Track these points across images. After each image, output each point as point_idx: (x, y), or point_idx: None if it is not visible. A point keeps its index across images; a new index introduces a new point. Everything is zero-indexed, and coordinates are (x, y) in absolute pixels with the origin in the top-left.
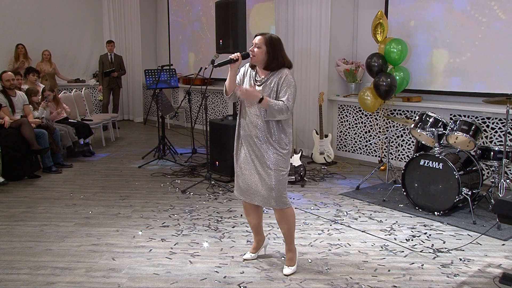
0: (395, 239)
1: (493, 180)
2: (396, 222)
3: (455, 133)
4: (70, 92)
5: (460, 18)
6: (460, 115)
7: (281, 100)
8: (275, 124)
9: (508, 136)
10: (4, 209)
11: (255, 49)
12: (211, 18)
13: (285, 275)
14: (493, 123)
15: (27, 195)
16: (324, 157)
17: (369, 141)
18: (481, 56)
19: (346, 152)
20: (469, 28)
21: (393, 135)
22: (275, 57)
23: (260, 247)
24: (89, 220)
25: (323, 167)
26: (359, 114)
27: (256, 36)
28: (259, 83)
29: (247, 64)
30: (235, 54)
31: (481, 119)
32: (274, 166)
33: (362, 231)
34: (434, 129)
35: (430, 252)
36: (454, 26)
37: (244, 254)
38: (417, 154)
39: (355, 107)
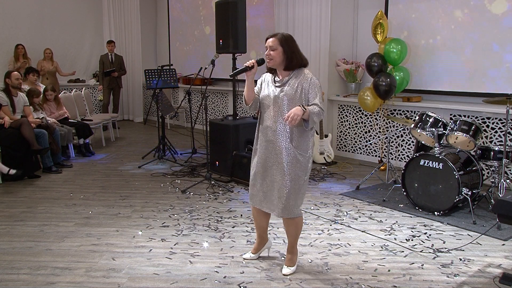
0: (395, 239)
1: (493, 180)
2: (396, 222)
3: (455, 133)
4: (70, 92)
5: (460, 18)
6: (460, 115)
7: (314, 103)
8: (295, 129)
9: (508, 136)
10: (4, 209)
11: (271, 52)
12: (211, 18)
13: (284, 275)
14: (493, 123)
15: (27, 195)
16: (324, 157)
17: (369, 141)
18: (481, 56)
19: (346, 152)
20: (469, 28)
21: (393, 135)
22: (294, 55)
23: (262, 248)
24: (89, 220)
25: (323, 167)
26: (359, 114)
27: (267, 39)
28: (278, 84)
29: (264, 74)
30: (250, 61)
31: (481, 119)
32: (291, 173)
33: (362, 231)
34: (434, 129)
35: (430, 252)
36: (454, 26)
37: (244, 254)
38: (417, 154)
39: (355, 107)
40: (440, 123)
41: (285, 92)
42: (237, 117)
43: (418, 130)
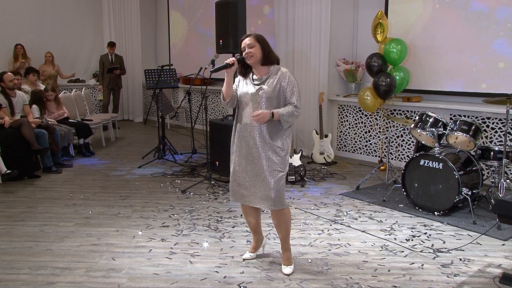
0: (395, 239)
1: (493, 180)
2: (396, 222)
3: (455, 133)
4: (70, 92)
5: (460, 18)
6: (460, 115)
7: (291, 102)
8: (273, 125)
9: (508, 136)
10: (4, 209)
11: (251, 50)
12: (211, 18)
13: (286, 274)
14: (493, 123)
15: (27, 195)
16: (324, 157)
17: (369, 141)
18: (481, 56)
19: (346, 152)
20: (469, 28)
21: (393, 135)
22: (269, 51)
23: (259, 246)
24: (89, 220)
25: (323, 167)
26: (359, 114)
27: (243, 39)
28: (257, 82)
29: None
30: (231, 58)
31: (481, 119)
32: (272, 166)
33: (362, 231)
34: (434, 129)
35: (430, 252)
36: (454, 26)
37: (244, 254)
38: (417, 154)
39: (355, 107)
40: (440, 123)
41: (264, 90)
42: None
43: (418, 130)
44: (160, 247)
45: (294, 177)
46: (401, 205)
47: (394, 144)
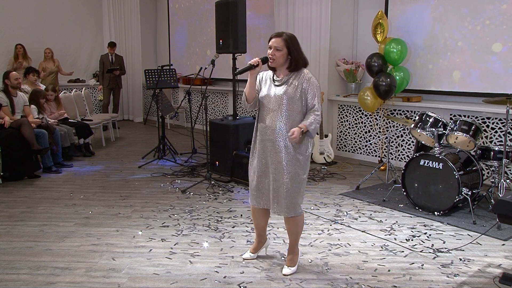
0: (395, 239)
1: (493, 180)
2: (396, 222)
3: (455, 133)
4: (70, 92)
5: (460, 18)
6: (460, 115)
7: (312, 105)
8: (295, 127)
9: (508, 136)
10: (4, 209)
11: (276, 53)
12: (211, 18)
13: (284, 275)
14: (493, 123)
15: (27, 195)
16: (324, 157)
17: (369, 141)
18: (481, 56)
19: (346, 152)
20: (469, 28)
21: (393, 135)
22: (299, 57)
23: (261, 248)
24: (89, 220)
25: (323, 167)
26: (359, 114)
27: (271, 38)
28: (278, 83)
29: (262, 73)
30: (255, 59)
31: (481, 119)
32: (293, 172)
33: (362, 231)
34: (434, 129)
35: (430, 252)
36: (454, 26)
37: (244, 253)
38: (417, 154)
39: (355, 107)
40: (440, 123)
41: (286, 91)
42: (237, 117)
43: (418, 130)
44: (160, 247)
45: None
46: (401, 205)
47: (394, 144)
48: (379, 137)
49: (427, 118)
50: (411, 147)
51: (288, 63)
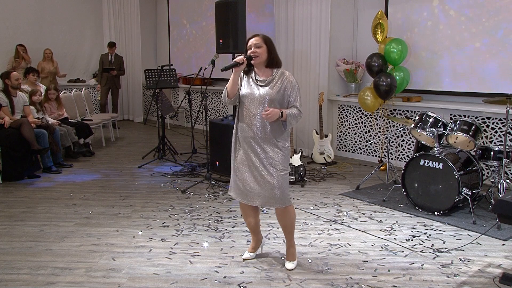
0: (395, 239)
1: (493, 180)
2: (396, 222)
3: (455, 133)
4: (70, 92)
5: (460, 18)
6: (460, 115)
7: (294, 106)
8: (276, 125)
9: (508, 136)
10: (4, 209)
11: (257, 49)
12: (211, 18)
13: (288, 270)
14: (493, 123)
15: (27, 195)
16: (324, 157)
17: (369, 141)
18: (481, 56)
19: (346, 152)
20: (469, 28)
21: (393, 135)
22: (274, 55)
23: (259, 246)
24: (89, 220)
25: (323, 167)
26: (359, 114)
27: (250, 38)
28: (262, 83)
29: (242, 72)
30: (240, 57)
31: (481, 119)
32: (276, 164)
33: (362, 231)
34: (434, 129)
35: (430, 252)
36: (454, 26)
37: (243, 254)
38: (417, 154)
39: (355, 107)
40: (440, 123)
41: (268, 92)
42: None
43: (418, 130)
44: (160, 247)
45: (294, 177)
46: (401, 205)
47: (394, 144)
48: (379, 137)
49: (427, 118)
50: (411, 147)
51: (268, 60)
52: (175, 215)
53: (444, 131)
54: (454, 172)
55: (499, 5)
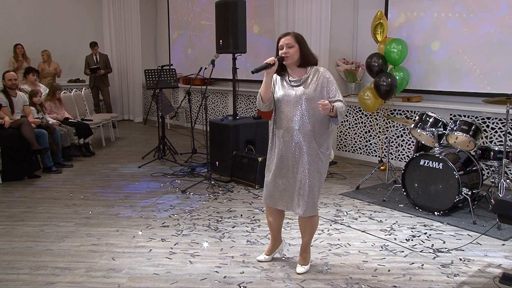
0: (395, 239)
1: (493, 180)
2: (396, 222)
3: (455, 133)
4: (70, 92)
5: (460, 19)
6: (460, 115)
7: (338, 100)
8: (317, 127)
9: (508, 136)
10: (4, 209)
11: (289, 50)
12: (211, 18)
13: (298, 273)
14: (493, 123)
15: (27, 195)
16: None
17: (369, 141)
18: (481, 56)
19: (346, 152)
20: (469, 28)
21: (393, 135)
22: (309, 52)
23: (276, 250)
24: (89, 220)
25: None
26: (359, 114)
27: (281, 38)
28: (295, 84)
29: (275, 75)
30: (271, 58)
31: (481, 119)
32: (314, 173)
33: (362, 231)
34: (434, 129)
35: (430, 252)
36: (454, 26)
37: (259, 256)
38: (417, 154)
39: (355, 107)
40: (440, 123)
41: (305, 91)
42: (237, 117)
43: (418, 130)
44: (160, 247)
45: None
46: (401, 205)
47: (394, 144)
48: (379, 137)
49: (427, 118)
50: (411, 147)
51: (301, 60)
52: (175, 215)
53: (444, 131)
54: (454, 172)
55: (499, 4)
